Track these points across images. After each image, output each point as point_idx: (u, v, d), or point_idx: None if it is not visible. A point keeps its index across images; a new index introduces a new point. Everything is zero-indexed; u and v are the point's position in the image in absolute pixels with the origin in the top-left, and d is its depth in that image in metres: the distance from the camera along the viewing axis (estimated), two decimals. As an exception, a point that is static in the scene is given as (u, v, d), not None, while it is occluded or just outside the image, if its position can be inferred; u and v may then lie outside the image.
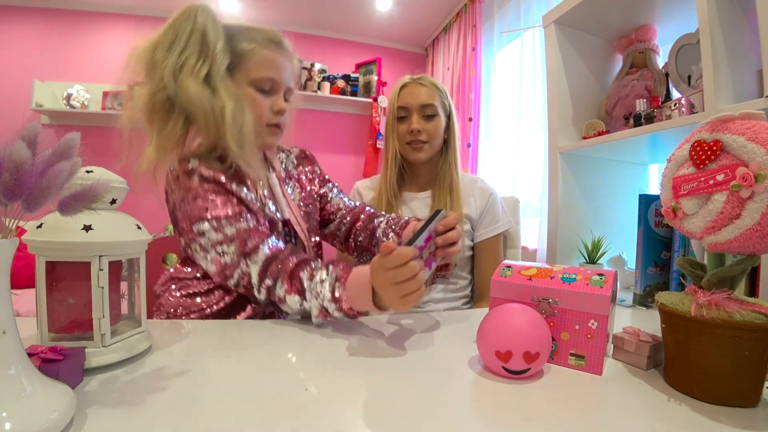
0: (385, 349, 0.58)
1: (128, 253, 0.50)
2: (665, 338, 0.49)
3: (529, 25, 2.04)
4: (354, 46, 3.28)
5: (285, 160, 0.89)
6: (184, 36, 0.66)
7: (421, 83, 1.05)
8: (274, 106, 0.75)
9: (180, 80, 0.64)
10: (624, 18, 1.21)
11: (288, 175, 0.86)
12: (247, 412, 0.39)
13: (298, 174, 0.89)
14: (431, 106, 1.03)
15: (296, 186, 0.86)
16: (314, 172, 0.93)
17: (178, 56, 0.64)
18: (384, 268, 0.54)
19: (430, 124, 1.04)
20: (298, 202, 0.84)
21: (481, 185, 1.12)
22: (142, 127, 0.68)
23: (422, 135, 1.03)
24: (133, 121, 0.67)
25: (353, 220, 0.90)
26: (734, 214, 0.41)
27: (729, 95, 0.81)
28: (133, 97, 0.67)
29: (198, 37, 0.67)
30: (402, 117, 1.06)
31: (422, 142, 1.04)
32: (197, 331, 0.64)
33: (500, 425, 0.38)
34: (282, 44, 0.75)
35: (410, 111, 1.04)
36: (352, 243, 0.90)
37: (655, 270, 0.87)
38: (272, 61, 0.73)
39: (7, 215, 0.33)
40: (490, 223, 1.07)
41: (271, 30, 0.76)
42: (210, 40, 0.67)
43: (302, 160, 0.93)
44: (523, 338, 0.46)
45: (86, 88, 2.68)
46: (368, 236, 0.86)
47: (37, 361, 0.39)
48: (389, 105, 1.09)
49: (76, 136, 0.37)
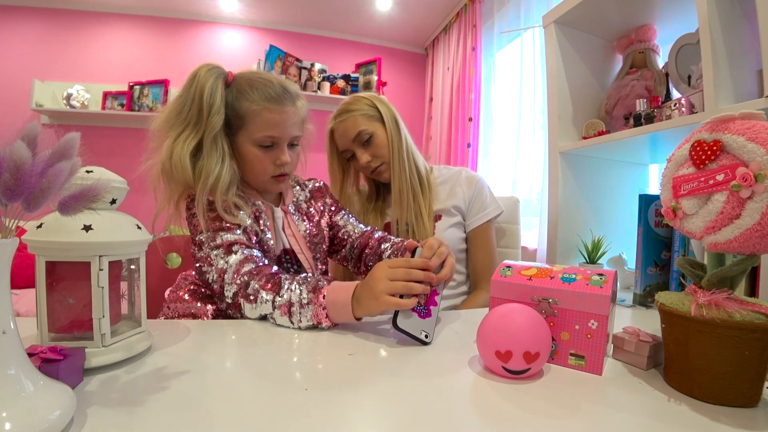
0: (384, 349, 0.58)
1: (128, 253, 0.50)
2: (665, 338, 0.49)
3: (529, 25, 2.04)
4: (354, 46, 3.28)
5: (299, 194, 0.95)
6: (187, 106, 0.74)
7: (342, 120, 1.04)
8: (277, 160, 0.80)
9: (173, 155, 0.72)
10: (624, 18, 1.21)
11: (297, 209, 0.91)
12: (247, 412, 0.39)
13: (308, 208, 0.93)
14: (361, 132, 1.02)
15: (304, 219, 0.91)
16: (325, 205, 0.97)
17: (177, 134, 0.73)
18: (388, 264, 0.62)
19: (372, 146, 1.03)
20: (304, 233, 0.88)
21: (467, 174, 1.11)
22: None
23: (374, 161, 1.04)
24: (156, 181, 0.76)
25: (363, 244, 0.94)
26: (734, 214, 0.41)
27: (729, 95, 0.81)
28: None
29: (197, 104, 0.74)
30: (350, 158, 1.07)
31: (377, 166, 1.04)
32: (197, 331, 0.64)
33: (500, 425, 0.38)
34: (282, 98, 0.77)
35: (351, 149, 1.04)
36: (363, 267, 0.94)
37: (655, 270, 0.87)
38: (271, 121, 0.77)
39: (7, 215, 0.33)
40: (479, 210, 1.07)
41: (273, 83, 0.78)
42: (204, 106, 0.73)
43: (315, 194, 0.98)
44: (523, 338, 0.46)
45: (86, 88, 2.68)
46: (376, 260, 0.90)
47: (37, 361, 0.39)
48: (327, 150, 1.09)
49: (76, 136, 0.37)
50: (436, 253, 0.67)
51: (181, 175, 0.72)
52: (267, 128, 0.77)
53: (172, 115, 0.74)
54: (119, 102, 2.71)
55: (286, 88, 0.79)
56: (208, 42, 3.00)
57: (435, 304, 0.64)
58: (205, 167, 0.73)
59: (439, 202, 1.08)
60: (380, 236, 0.93)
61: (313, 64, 2.96)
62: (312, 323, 0.64)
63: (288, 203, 0.90)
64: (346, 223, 0.97)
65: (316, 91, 2.91)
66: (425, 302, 0.63)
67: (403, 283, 0.60)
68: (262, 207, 0.84)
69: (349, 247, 0.96)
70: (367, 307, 0.61)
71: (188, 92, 0.74)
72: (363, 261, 0.93)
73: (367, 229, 0.97)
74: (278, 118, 0.77)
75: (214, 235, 0.72)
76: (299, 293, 0.64)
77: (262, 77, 0.78)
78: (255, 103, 0.75)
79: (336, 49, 3.24)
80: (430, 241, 0.69)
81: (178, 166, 0.71)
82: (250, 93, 0.76)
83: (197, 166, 0.73)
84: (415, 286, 0.60)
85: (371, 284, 0.61)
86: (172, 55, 2.89)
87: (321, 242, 0.92)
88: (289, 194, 0.92)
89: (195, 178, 0.73)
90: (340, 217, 0.98)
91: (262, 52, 2.84)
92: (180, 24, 2.95)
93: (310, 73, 2.93)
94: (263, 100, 0.76)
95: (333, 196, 1.01)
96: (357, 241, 0.95)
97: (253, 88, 0.76)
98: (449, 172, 1.14)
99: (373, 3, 2.76)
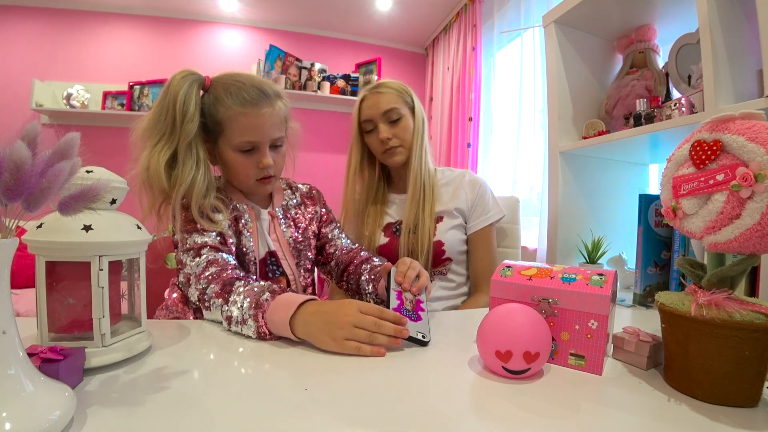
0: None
1: (128, 253, 0.50)
2: (665, 338, 0.49)
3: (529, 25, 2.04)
4: (354, 46, 3.28)
5: (288, 198, 0.94)
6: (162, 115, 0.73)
7: (378, 91, 1.05)
8: (260, 163, 0.79)
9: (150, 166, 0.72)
10: (624, 18, 1.21)
11: (285, 213, 0.91)
12: (247, 412, 0.39)
13: (296, 214, 0.93)
14: (393, 110, 1.03)
15: (291, 225, 0.90)
16: (315, 213, 0.97)
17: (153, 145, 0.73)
18: (359, 308, 0.59)
19: (398, 127, 1.04)
20: (288, 239, 0.88)
21: (470, 177, 1.12)
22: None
23: (393, 140, 1.04)
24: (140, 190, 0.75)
25: (347, 263, 0.94)
26: (734, 214, 0.41)
27: (729, 95, 0.81)
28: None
29: (171, 114, 0.73)
30: (370, 130, 1.07)
31: (395, 147, 1.05)
32: (197, 331, 0.64)
33: (500, 425, 0.38)
34: (258, 102, 0.76)
35: (375, 121, 1.05)
36: (345, 285, 0.95)
37: (655, 270, 0.87)
38: (248, 125, 0.76)
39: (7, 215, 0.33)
40: (481, 213, 1.07)
41: (248, 86, 0.76)
42: (178, 115, 0.73)
43: (306, 199, 0.97)
44: (523, 338, 0.46)
45: (86, 88, 2.68)
46: (356, 281, 0.90)
47: (37, 361, 0.39)
48: (353, 120, 1.10)
49: (76, 136, 0.37)
50: (410, 266, 0.74)
51: (158, 184, 0.72)
52: (244, 134, 0.76)
53: (150, 125, 0.74)
54: (119, 102, 2.71)
55: (262, 90, 0.77)
56: (208, 42, 3.00)
57: (422, 310, 0.67)
58: (181, 175, 0.73)
59: (442, 204, 1.08)
60: (365, 257, 0.93)
61: (313, 64, 2.96)
62: (257, 337, 0.61)
63: (276, 206, 0.89)
64: (334, 237, 0.98)
65: (316, 91, 2.91)
66: (413, 309, 0.66)
67: (366, 333, 0.56)
68: (245, 209, 0.83)
69: (334, 263, 0.96)
70: (320, 341, 0.56)
71: (164, 101, 0.73)
72: (345, 279, 0.94)
73: (354, 247, 0.98)
74: (255, 122, 0.76)
75: (186, 238, 0.73)
76: (240, 307, 0.62)
77: (237, 81, 0.76)
78: (230, 109, 0.74)
79: (336, 49, 3.24)
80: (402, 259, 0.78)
81: (155, 176, 0.71)
82: (225, 99, 0.75)
83: (173, 175, 0.73)
84: (380, 338, 0.56)
85: (333, 321, 0.56)
86: (172, 55, 2.89)
87: (306, 249, 0.91)
88: (278, 197, 0.92)
89: (170, 186, 0.72)
90: (329, 230, 0.98)
91: (262, 52, 2.84)
92: (180, 24, 2.95)
93: (310, 73, 2.93)
94: (238, 105, 0.74)
95: (326, 206, 1.01)
96: (342, 257, 0.95)
97: (227, 93, 0.75)
98: (452, 174, 1.14)
99: (373, 3, 2.76)
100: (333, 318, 0.57)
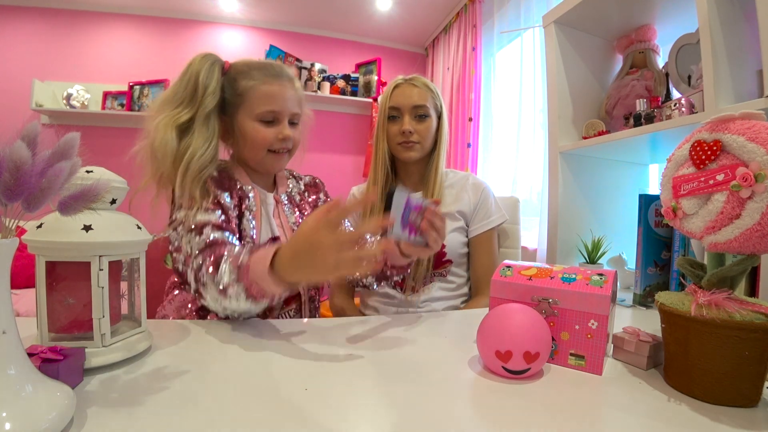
0: (384, 348, 0.58)
1: (128, 253, 0.50)
2: (665, 338, 0.49)
3: (529, 25, 2.04)
4: (354, 46, 3.28)
5: (293, 186, 0.95)
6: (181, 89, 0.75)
7: (414, 84, 1.06)
8: (279, 134, 0.80)
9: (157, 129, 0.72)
10: (624, 18, 1.21)
11: (290, 200, 0.91)
12: (247, 412, 0.39)
13: (301, 202, 0.94)
14: (423, 107, 1.04)
15: (295, 210, 0.91)
16: (318, 200, 0.98)
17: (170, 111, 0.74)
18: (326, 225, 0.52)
19: (422, 125, 1.04)
20: (293, 224, 0.89)
21: (473, 180, 1.12)
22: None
23: (414, 136, 1.04)
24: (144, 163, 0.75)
25: None
26: (734, 214, 0.41)
27: (729, 95, 0.81)
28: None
29: (192, 86, 0.75)
30: (393, 117, 1.06)
31: (414, 143, 1.04)
32: (197, 331, 0.64)
33: (500, 425, 0.38)
34: (280, 75, 0.80)
35: (402, 112, 1.05)
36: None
37: (655, 270, 0.87)
38: (271, 94, 0.78)
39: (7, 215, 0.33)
40: (484, 217, 1.07)
41: (271, 63, 0.82)
42: (200, 87, 0.75)
43: (310, 188, 0.98)
44: (523, 338, 0.46)
45: (86, 88, 2.67)
46: None
47: (37, 361, 0.39)
48: (381, 105, 1.09)
49: (76, 136, 0.37)
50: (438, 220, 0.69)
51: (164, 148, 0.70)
52: (267, 102, 0.78)
53: (168, 97, 0.76)
54: (119, 102, 2.71)
55: (284, 68, 0.82)
56: (208, 42, 2.99)
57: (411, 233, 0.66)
58: (194, 143, 0.73)
59: (444, 206, 1.07)
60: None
61: (313, 64, 2.96)
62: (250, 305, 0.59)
63: (281, 193, 0.90)
64: None
65: (316, 91, 2.91)
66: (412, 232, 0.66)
67: (350, 249, 0.51)
68: (250, 191, 0.82)
69: None
70: (317, 277, 0.54)
71: (184, 76, 0.76)
72: None
73: None
74: (277, 90, 0.78)
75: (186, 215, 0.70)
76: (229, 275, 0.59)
77: (260, 60, 0.82)
78: (253, 79, 0.78)
79: (336, 49, 3.23)
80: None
81: (163, 139, 0.70)
82: (249, 72, 0.78)
83: (183, 142, 0.73)
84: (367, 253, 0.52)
85: (313, 253, 0.52)
86: (172, 55, 2.89)
87: None
88: (283, 184, 0.92)
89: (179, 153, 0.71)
90: None
91: (262, 52, 2.84)
92: (180, 24, 2.95)
93: (310, 73, 2.93)
94: (262, 75, 0.78)
95: (328, 194, 1.01)
96: None
97: (251, 68, 0.79)
98: (455, 177, 1.13)
99: (373, 3, 2.76)
100: (312, 250, 0.53)
